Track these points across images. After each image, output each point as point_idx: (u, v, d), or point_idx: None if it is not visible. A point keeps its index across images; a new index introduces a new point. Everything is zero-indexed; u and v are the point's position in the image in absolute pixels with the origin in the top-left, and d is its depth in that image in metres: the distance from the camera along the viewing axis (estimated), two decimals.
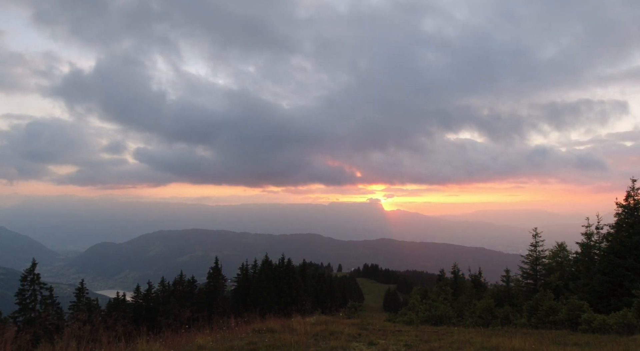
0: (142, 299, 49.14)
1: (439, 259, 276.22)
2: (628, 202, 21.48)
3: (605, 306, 19.04)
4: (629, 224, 21.09)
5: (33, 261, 35.43)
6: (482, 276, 33.55)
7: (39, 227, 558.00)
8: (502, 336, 11.92)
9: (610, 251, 21.17)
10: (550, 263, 26.91)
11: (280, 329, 11.98)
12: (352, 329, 12.50)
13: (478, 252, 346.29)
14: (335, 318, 15.82)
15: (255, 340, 10.21)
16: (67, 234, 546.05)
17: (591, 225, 24.61)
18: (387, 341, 10.92)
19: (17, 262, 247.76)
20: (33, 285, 33.81)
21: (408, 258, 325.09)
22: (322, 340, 10.61)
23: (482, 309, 18.58)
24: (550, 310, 16.35)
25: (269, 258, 57.02)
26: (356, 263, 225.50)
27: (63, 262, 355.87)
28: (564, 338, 12.41)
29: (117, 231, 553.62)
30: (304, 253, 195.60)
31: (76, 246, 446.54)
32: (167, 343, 10.01)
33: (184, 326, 12.39)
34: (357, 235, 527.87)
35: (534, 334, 13.30)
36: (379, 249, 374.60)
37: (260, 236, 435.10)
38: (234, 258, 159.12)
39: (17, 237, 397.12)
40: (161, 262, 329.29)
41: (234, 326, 12.93)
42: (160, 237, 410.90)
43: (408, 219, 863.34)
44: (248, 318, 14.63)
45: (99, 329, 10.11)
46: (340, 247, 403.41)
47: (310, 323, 13.32)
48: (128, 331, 11.11)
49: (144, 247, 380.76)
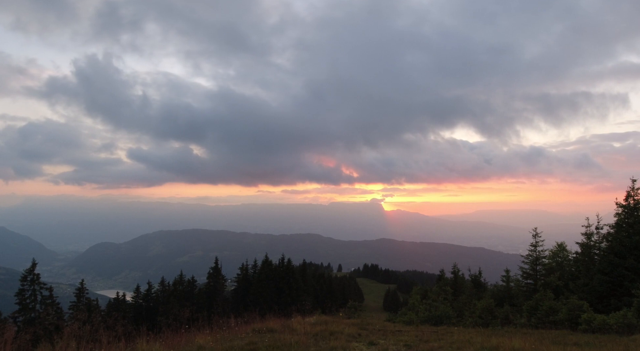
0: (142, 299, 49.18)
1: (439, 259, 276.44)
2: (628, 202, 21.48)
3: (605, 306, 19.04)
4: (629, 224, 21.09)
5: (33, 261, 35.44)
6: (482, 276, 33.58)
7: (39, 227, 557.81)
8: (502, 336, 11.91)
9: (610, 251, 21.17)
10: (550, 263, 26.90)
11: (280, 329, 11.97)
12: (352, 329, 12.49)
13: (478, 251, 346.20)
14: (335, 318, 15.82)
15: (255, 340, 10.21)
16: (67, 234, 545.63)
17: (591, 225, 24.61)
18: (387, 341, 10.92)
19: (17, 261, 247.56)
20: (33, 285, 33.82)
21: (408, 258, 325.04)
22: (322, 340, 10.61)
23: (482, 309, 18.58)
24: (550, 310, 16.35)
25: (269, 258, 57.03)
26: (356, 263, 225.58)
27: (63, 262, 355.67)
28: (564, 338, 12.41)
29: (117, 231, 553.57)
30: (304, 253, 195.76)
31: (76, 246, 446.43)
32: (167, 343, 10.00)
33: (183, 326, 12.37)
34: (357, 235, 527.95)
35: (534, 334, 13.30)
36: (379, 249, 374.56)
37: (260, 236, 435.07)
38: (234, 258, 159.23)
39: (17, 237, 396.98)
40: (161, 262, 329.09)
41: (234, 326, 12.91)
42: (160, 237, 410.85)
43: (408, 219, 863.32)
44: (248, 318, 14.61)
45: (98, 329, 10.10)
46: (340, 247, 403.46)
47: (310, 323, 13.31)
48: (128, 331, 11.10)
49: (144, 247, 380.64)
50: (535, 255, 24.84)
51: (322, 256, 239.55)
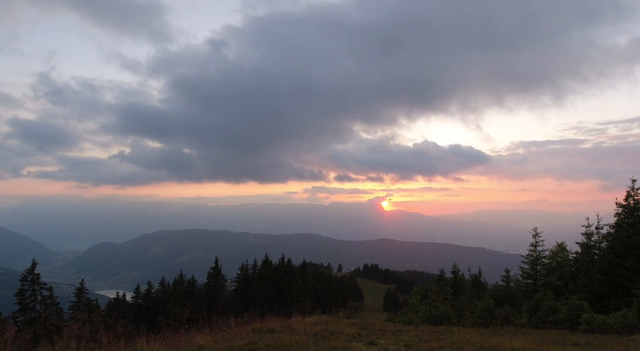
0: (142, 299, 49.20)
1: (439, 259, 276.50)
2: (628, 202, 21.47)
3: (605, 306, 19.04)
4: (629, 224, 21.09)
5: (33, 261, 35.47)
6: (482, 277, 33.60)
7: (39, 227, 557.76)
8: (502, 336, 11.92)
9: (610, 251, 21.17)
10: (550, 263, 26.90)
11: (280, 329, 11.98)
12: (352, 329, 12.50)
13: (478, 251, 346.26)
14: (335, 318, 15.82)
15: (255, 340, 10.21)
16: (67, 234, 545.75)
17: (591, 225, 24.60)
18: (387, 341, 10.92)
19: (17, 262, 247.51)
20: (33, 285, 33.85)
21: (408, 258, 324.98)
22: (322, 340, 10.60)
23: (482, 309, 18.59)
24: (550, 310, 16.35)
25: (269, 258, 57.04)
26: (356, 263, 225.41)
27: (63, 262, 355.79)
28: (564, 338, 12.41)
29: (117, 231, 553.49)
30: (304, 253, 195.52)
31: (76, 246, 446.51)
32: (167, 343, 10.00)
33: (183, 326, 12.37)
34: (357, 235, 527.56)
35: (534, 334, 13.30)
36: (379, 249, 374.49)
37: (260, 236, 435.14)
38: (234, 258, 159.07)
39: (17, 237, 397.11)
40: (161, 262, 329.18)
41: (234, 326, 12.92)
42: (160, 237, 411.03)
43: (408, 219, 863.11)
44: (248, 318, 14.62)
45: (98, 329, 10.11)
46: (340, 247, 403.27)
47: (310, 323, 13.32)
48: (128, 331, 11.11)
49: (143, 247, 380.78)
50: (535, 255, 24.83)
51: (322, 256, 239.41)
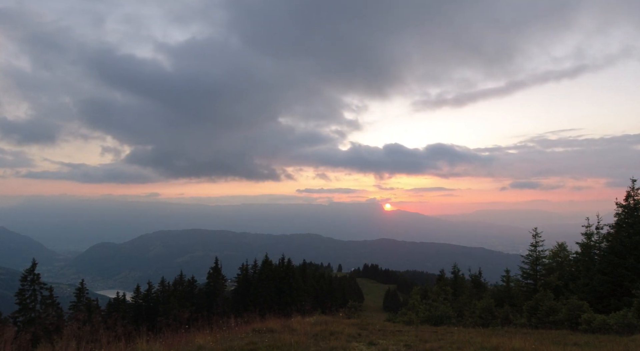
0: (142, 299, 49.18)
1: (439, 259, 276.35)
2: (628, 202, 21.49)
3: (605, 306, 19.05)
4: (629, 224, 21.10)
5: (33, 261, 35.45)
6: (482, 277, 33.66)
7: (39, 227, 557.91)
8: (502, 336, 11.92)
9: (610, 251, 21.19)
10: (550, 263, 26.93)
11: (280, 329, 11.97)
12: (352, 329, 12.49)
13: (478, 251, 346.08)
14: (335, 318, 15.82)
15: (255, 340, 10.21)
16: (67, 234, 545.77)
17: (591, 225, 24.63)
18: (387, 341, 10.92)
19: (17, 261, 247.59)
20: (33, 285, 33.82)
21: (408, 258, 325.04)
22: (322, 340, 10.60)
23: (482, 309, 18.60)
24: (550, 310, 16.35)
25: (269, 258, 57.02)
26: (356, 263, 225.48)
27: (63, 262, 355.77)
28: (564, 338, 12.42)
29: (117, 231, 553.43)
30: (304, 253, 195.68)
31: (76, 246, 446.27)
32: (167, 343, 10.00)
33: (183, 326, 12.39)
34: (357, 235, 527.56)
35: (534, 334, 13.31)
36: (379, 249, 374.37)
37: (260, 236, 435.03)
38: (234, 258, 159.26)
39: (17, 237, 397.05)
40: (161, 262, 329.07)
41: (234, 326, 12.92)
42: (160, 237, 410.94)
43: (408, 219, 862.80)
44: (248, 318, 14.63)
45: (98, 329, 10.12)
46: (340, 247, 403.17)
47: (310, 323, 13.32)
48: (128, 331, 11.11)
49: (143, 247, 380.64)
50: (535, 255, 24.85)
51: (322, 256, 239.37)
